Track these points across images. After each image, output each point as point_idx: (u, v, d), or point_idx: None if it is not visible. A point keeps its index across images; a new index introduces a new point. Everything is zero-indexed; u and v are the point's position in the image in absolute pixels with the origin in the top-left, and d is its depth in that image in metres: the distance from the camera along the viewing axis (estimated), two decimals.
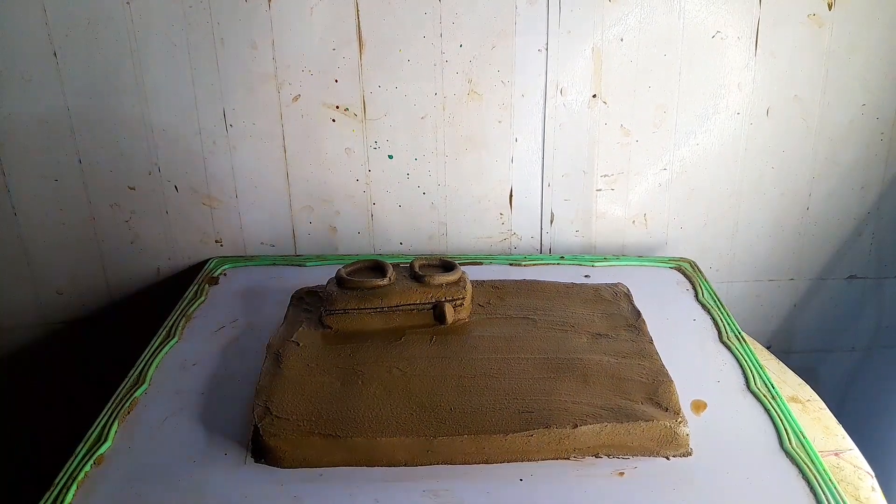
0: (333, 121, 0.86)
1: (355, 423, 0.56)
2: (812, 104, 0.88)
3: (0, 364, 0.94)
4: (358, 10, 0.81)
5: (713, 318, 0.76)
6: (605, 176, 0.90)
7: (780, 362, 0.75)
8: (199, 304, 0.79)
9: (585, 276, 0.84)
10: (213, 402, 0.63)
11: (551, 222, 0.93)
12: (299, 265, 0.88)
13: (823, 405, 0.68)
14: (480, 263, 0.88)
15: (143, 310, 0.92)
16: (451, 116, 0.86)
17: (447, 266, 0.72)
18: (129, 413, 0.62)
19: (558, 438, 0.56)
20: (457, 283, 0.69)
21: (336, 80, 0.84)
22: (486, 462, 0.56)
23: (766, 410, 0.62)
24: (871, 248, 0.96)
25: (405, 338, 0.66)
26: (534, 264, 0.88)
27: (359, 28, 0.82)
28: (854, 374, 1.04)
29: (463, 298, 0.68)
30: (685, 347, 0.71)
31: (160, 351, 0.70)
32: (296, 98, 0.85)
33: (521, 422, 0.56)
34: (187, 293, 0.81)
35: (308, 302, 0.72)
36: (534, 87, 0.86)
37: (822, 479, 0.54)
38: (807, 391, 0.70)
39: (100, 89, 0.83)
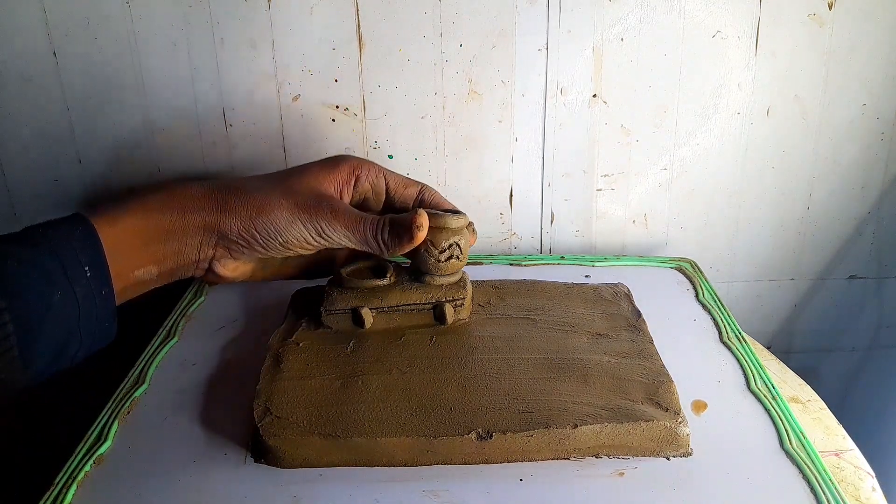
0: (333, 121, 0.86)
1: (355, 423, 0.56)
2: (812, 104, 0.88)
3: None
4: (358, 10, 0.81)
5: (714, 319, 0.76)
6: (605, 176, 0.90)
7: (781, 362, 0.75)
8: (199, 304, 0.79)
9: (586, 276, 0.84)
10: (213, 402, 0.63)
11: (551, 222, 0.92)
12: None
13: (824, 405, 0.68)
14: (480, 263, 0.88)
15: (143, 310, 0.92)
16: (451, 116, 0.86)
17: None
18: (129, 413, 0.62)
19: (558, 438, 0.56)
20: (457, 283, 0.69)
21: (336, 80, 0.84)
22: (486, 462, 0.56)
23: (767, 410, 0.62)
24: (872, 248, 0.96)
25: (405, 338, 0.66)
26: (534, 264, 0.88)
27: (359, 28, 0.82)
28: (854, 374, 1.04)
29: (463, 298, 0.68)
30: (685, 347, 0.70)
31: (160, 351, 0.70)
32: (296, 98, 0.85)
33: (521, 422, 0.56)
34: (187, 293, 0.81)
35: (308, 302, 0.72)
36: (534, 87, 0.86)
37: (823, 479, 0.54)
38: (807, 391, 0.70)
39: (100, 89, 0.83)
